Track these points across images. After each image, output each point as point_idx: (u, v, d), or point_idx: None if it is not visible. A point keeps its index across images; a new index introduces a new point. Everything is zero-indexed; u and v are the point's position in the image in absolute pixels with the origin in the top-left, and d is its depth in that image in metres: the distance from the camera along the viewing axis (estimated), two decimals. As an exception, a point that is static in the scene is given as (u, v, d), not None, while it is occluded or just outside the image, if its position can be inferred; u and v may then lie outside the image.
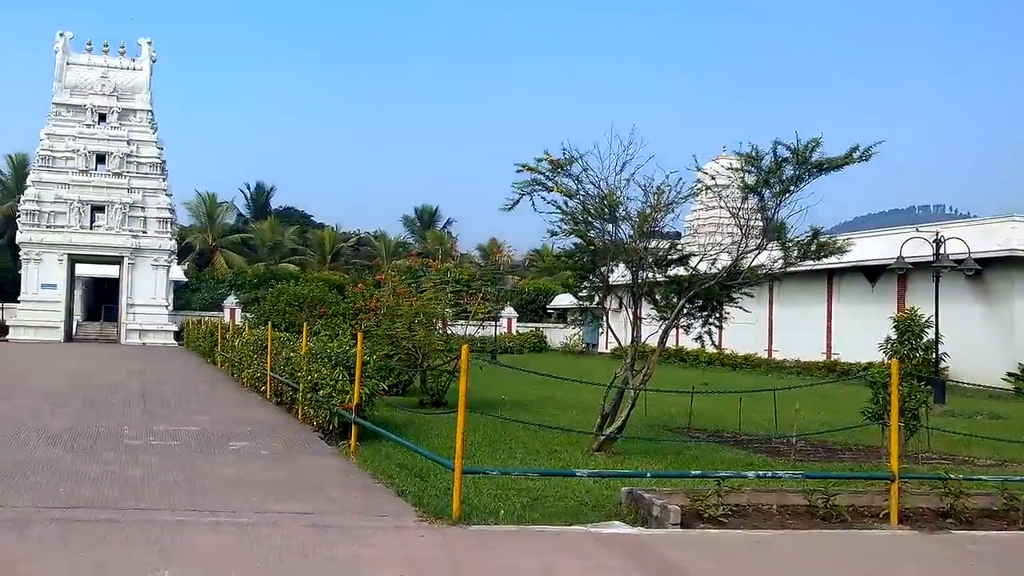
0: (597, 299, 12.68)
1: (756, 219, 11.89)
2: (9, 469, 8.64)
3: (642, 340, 11.86)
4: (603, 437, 11.40)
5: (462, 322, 18.17)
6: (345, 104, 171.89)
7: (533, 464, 10.19)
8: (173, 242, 44.76)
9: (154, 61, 45.64)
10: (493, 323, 33.18)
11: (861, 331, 29.37)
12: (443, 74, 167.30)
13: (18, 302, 42.80)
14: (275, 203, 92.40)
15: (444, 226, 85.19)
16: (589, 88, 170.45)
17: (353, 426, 10.42)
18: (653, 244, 12.07)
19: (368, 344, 10.93)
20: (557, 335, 53.45)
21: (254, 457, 9.94)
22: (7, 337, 41.07)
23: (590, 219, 11.60)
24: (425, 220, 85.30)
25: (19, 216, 43.05)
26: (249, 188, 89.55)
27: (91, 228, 42.43)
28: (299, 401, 12.88)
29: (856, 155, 10.64)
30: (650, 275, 12.02)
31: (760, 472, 9.10)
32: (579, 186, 11.41)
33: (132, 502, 7.38)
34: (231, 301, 49.63)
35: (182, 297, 53.69)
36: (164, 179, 44.42)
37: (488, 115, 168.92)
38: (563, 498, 8.27)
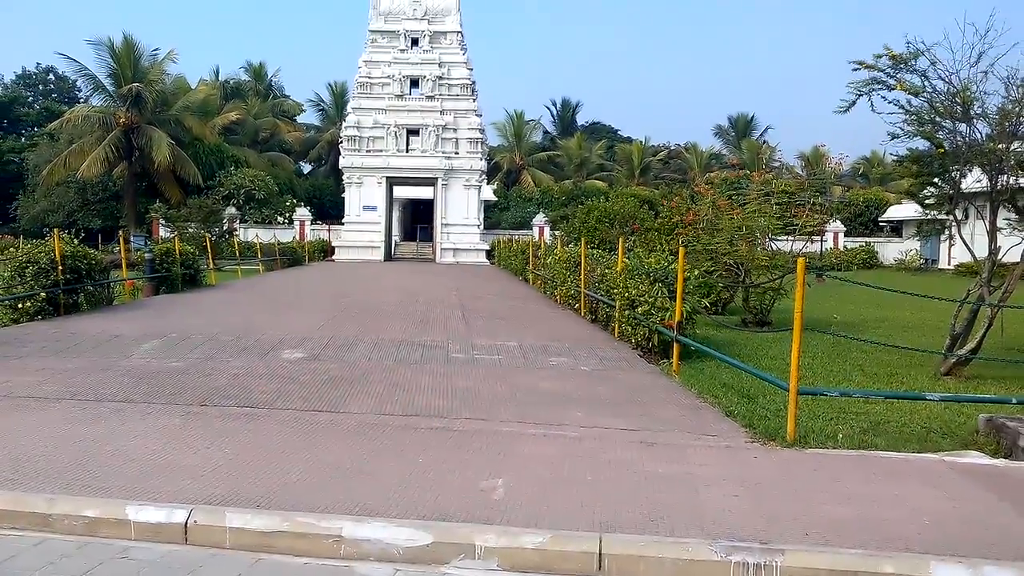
0: (947, 208, 11.74)
1: None
2: (349, 376, 9.69)
3: (1000, 254, 10.88)
4: (954, 359, 10.68)
5: (786, 237, 17.56)
6: (650, 14, 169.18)
7: (871, 387, 9.78)
8: (483, 162, 46.96)
9: (463, -18, 47.57)
10: (819, 238, 31.84)
11: None
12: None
13: (342, 224, 47.27)
14: (581, 119, 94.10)
15: (761, 135, 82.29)
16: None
17: (675, 344, 10.52)
18: (1016, 145, 10.92)
19: (687, 260, 10.89)
20: (890, 250, 50.25)
21: (574, 373, 10.35)
22: (333, 257, 45.65)
23: (938, 118, 10.76)
24: (740, 129, 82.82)
25: (341, 142, 47.21)
26: (555, 105, 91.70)
27: (407, 151, 45.60)
28: (615, 318, 13.18)
29: None
30: (1012, 180, 10.96)
31: None
32: (925, 82, 10.59)
33: (463, 412, 7.99)
34: (540, 219, 51.48)
35: (492, 216, 56.42)
36: (474, 100, 46.56)
37: (809, 10, 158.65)
38: (908, 424, 7.89)
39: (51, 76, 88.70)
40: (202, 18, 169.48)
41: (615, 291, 13.11)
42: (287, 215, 52.23)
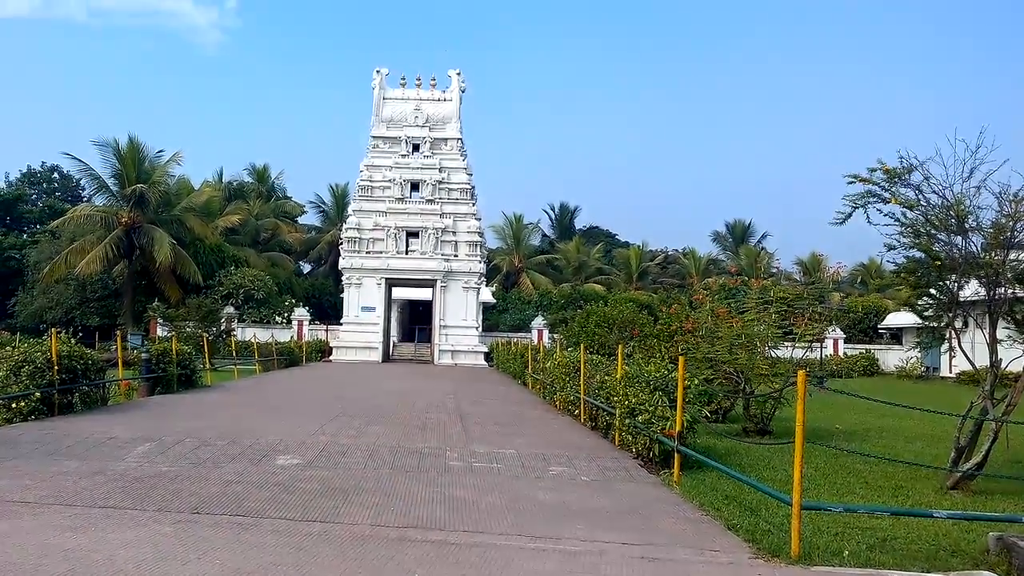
0: (946, 319, 11.79)
1: None
2: (344, 485, 9.56)
3: (1001, 365, 10.89)
4: (960, 474, 10.55)
5: (787, 344, 17.58)
6: (647, 121, 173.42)
7: (876, 501, 9.65)
8: (482, 264, 47.37)
9: (463, 91, 49.02)
10: (819, 345, 31.87)
11: None
12: (749, 81, 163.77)
13: (341, 324, 47.35)
14: (579, 223, 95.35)
15: (758, 241, 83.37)
16: (924, 89, 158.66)
17: (676, 454, 10.42)
18: (1012, 256, 11.05)
19: (686, 368, 10.88)
20: (891, 357, 50.23)
21: (574, 483, 10.23)
22: (331, 357, 45.61)
23: (933, 231, 10.91)
24: (737, 235, 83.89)
25: (341, 243, 47.68)
26: (553, 209, 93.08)
27: (406, 253, 46.03)
28: (615, 426, 13.10)
29: None
30: (1009, 291, 11.05)
31: None
32: (920, 196, 10.83)
33: (460, 524, 7.85)
34: (539, 322, 51.63)
35: (490, 318, 56.56)
36: (473, 204, 47.26)
37: (804, 123, 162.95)
38: (915, 541, 7.76)
39: (55, 175, 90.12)
40: (208, 121, 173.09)
41: (615, 399, 13.06)
42: (286, 315, 52.34)
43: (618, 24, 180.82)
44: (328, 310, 59.86)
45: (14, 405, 14.21)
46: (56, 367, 15.05)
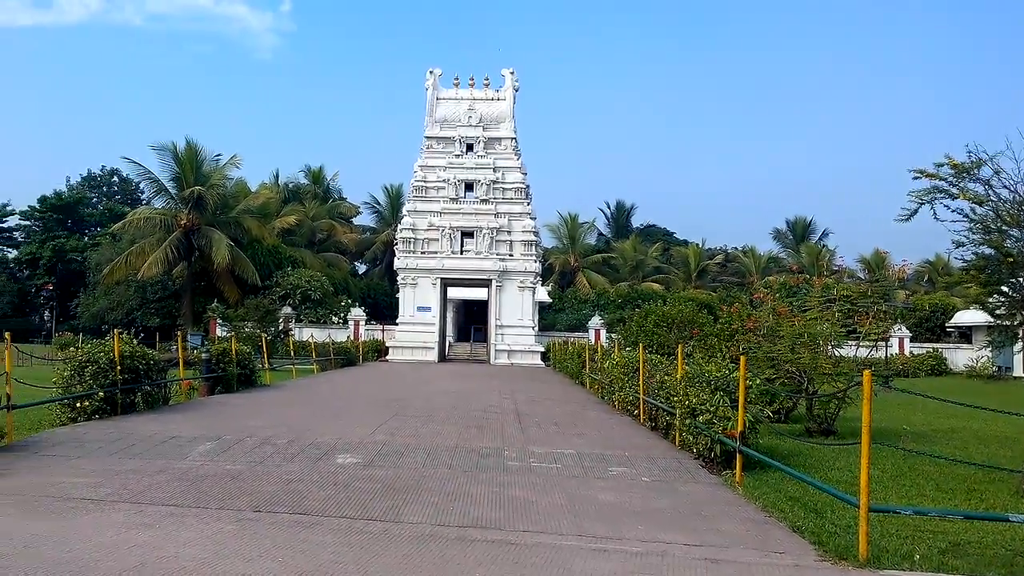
0: (1019, 318, 11.50)
1: None
2: (403, 484, 9.62)
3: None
4: (1036, 477, 10.28)
5: (850, 343, 17.29)
6: (704, 117, 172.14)
7: (947, 504, 9.44)
8: (538, 264, 47.36)
9: (516, 90, 49.07)
10: (884, 344, 31.34)
11: None
12: (809, 75, 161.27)
13: (396, 324, 47.67)
14: (636, 221, 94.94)
15: (819, 238, 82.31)
16: (996, 79, 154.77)
17: (738, 455, 10.32)
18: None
19: (747, 367, 10.76)
20: (960, 357, 49.15)
21: (634, 483, 10.17)
22: (387, 357, 45.95)
23: (1005, 227, 10.64)
24: (798, 232, 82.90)
25: (396, 243, 48.01)
26: (609, 207, 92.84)
27: (461, 253, 46.19)
28: (676, 426, 13.01)
29: None
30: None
31: None
32: (989, 191, 10.56)
33: (519, 524, 7.85)
34: (596, 322, 51.48)
35: (546, 318, 56.54)
36: (528, 203, 47.27)
37: (867, 117, 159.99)
38: (990, 546, 7.56)
39: (115, 178, 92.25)
40: (264, 123, 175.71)
41: (675, 399, 12.97)
42: (342, 315, 52.90)
43: (676, 18, 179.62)
44: (384, 310, 60.42)
45: (79, 405, 14.53)
46: (119, 367, 15.36)
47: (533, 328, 46.65)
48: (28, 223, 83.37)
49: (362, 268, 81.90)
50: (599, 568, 6.49)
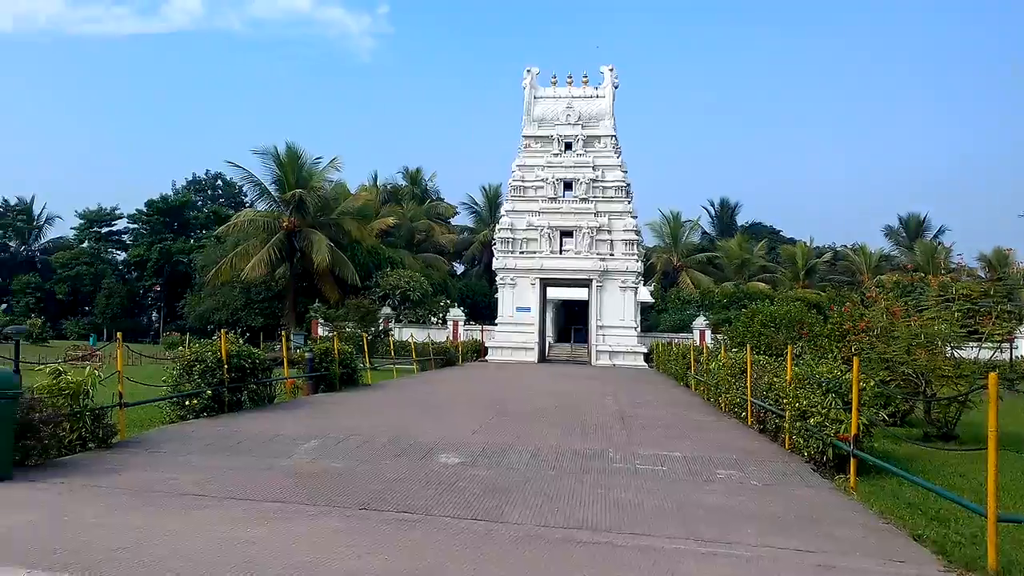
0: None
1: None
2: (506, 485, 9.67)
3: None
4: None
5: (971, 344, 16.68)
6: (809, 113, 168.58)
7: (1082, 515, 9.03)
8: (639, 263, 46.95)
9: (616, 87, 48.78)
10: (1009, 345, 30.09)
11: None
12: (918, 68, 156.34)
13: (495, 324, 47.94)
14: (741, 219, 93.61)
15: (935, 236, 79.65)
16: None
17: (851, 459, 10.07)
18: None
19: (860, 368, 10.49)
20: (1092, 359, 46.93)
21: (743, 487, 10.03)
22: (487, 358, 46.27)
23: None
24: (911, 229, 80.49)
25: (494, 243, 48.31)
26: (713, 205, 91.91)
27: (560, 252, 46.12)
28: (785, 429, 12.77)
29: None
30: None
31: None
32: None
33: (625, 527, 7.81)
34: (700, 322, 50.87)
35: (649, 318, 56.16)
36: (629, 201, 46.94)
37: (983, 110, 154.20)
38: None
39: (219, 182, 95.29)
40: (362, 125, 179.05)
41: (784, 401, 12.73)
42: (441, 315, 53.51)
43: (778, 4, 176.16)
44: (482, 310, 60.87)
45: (187, 403, 15.03)
46: (226, 366, 15.85)
47: (635, 329, 46.28)
48: (136, 226, 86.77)
49: (460, 268, 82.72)
50: (708, 572, 6.43)
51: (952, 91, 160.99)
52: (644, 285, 54.27)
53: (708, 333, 48.67)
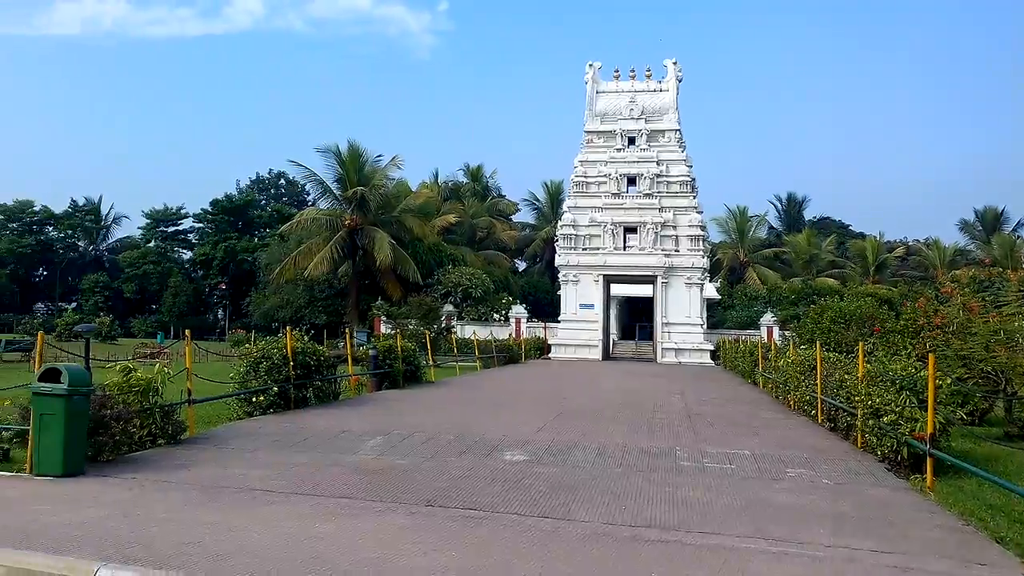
0: None
1: None
2: (572, 482, 9.66)
3: None
4: None
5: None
6: (878, 104, 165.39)
7: None
8: (705, 259, 46.51)
9: (680, 81, 48.34)
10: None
11: None
12: (991, 56, 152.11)
13: (558, 321, 47.84)
14: (809, 213, 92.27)
15: (1013, 229, 77.59)
16: None
17: (928, 458, 9.87)
18: None
19: (936, 366, 10.26)
20: None
21: (814, 485, 9.88)
22: (550, 355, 46.23)
23: None
24: (988, 223, 78.49)
25: (556, 240, 48.21)
26: (780, 200, 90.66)
27: (624, 249, 45.84)
28: (856, 427, 12.56)
29: None
30: None
31: None
32: None
33: (693, 525, 7.75)
34: (768, 319, 50.22)
35: (715, 315, 55.61)
36: (694, 197, 46.48)
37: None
38: None
39: (282, 181, 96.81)
40: (423, 122, 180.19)
41: (856, 398, 12.51)
42: (503, 312, 53.59)
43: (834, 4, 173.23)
44: (545, 307, 60.85)
45: (254, 399, 15.29)
46: (291, 363, 16.08)
47: (701, 325, 45.82)
48: (201, 225, 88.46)
49: (522, 265, 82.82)
50: (779, 572, 6.35)
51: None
52: (710, 281, 53.74)
53: (776, 330, 48.02)
